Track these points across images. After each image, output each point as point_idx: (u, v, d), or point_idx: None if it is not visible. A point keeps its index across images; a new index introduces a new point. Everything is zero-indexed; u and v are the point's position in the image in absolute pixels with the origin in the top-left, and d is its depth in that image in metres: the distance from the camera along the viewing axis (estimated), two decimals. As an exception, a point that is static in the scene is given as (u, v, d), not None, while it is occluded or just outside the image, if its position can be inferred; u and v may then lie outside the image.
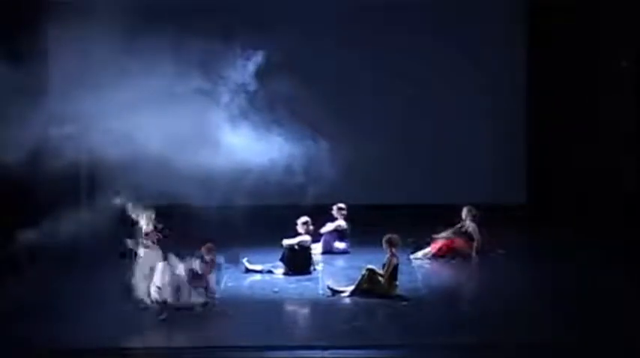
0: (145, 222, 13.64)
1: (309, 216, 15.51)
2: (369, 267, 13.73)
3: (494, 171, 19.47)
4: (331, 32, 19.06)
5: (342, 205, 16.50)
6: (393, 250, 13.76)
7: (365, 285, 13.62)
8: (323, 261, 15.76)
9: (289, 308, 13.49)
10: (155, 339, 12.04)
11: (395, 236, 13.87)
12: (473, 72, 19.38)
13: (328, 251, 16.34)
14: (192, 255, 13.16)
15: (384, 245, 13.82)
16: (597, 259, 15.47)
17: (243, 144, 15.37)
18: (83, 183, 17.92)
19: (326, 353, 11.51)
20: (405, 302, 13.35)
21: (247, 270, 15.07)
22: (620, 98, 17.68)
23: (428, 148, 19.48)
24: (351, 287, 13.69)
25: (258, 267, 15.13)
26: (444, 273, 15.32)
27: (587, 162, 18.10)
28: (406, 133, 19.39)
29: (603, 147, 17.86)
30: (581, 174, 18.20)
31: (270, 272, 15.03)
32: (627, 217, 17.05)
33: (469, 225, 16.05)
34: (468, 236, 16.07)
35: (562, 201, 18.48)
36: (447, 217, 16.66)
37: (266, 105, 16.03)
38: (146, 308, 12.79)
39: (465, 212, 16.16)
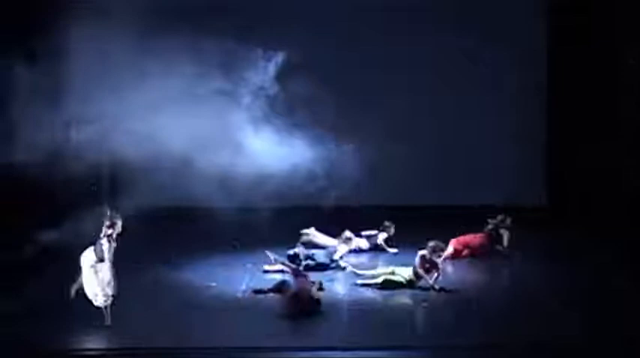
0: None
1: (330, 217, 15.88)
2: (386, 277, 14.10)
3: (513, 172, 19.41)
4: (351, 33, 19.05)
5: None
6: (437, 256, 14.17)
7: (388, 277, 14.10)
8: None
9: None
10: (172, 339, 11.99)
11: (440, 243, 14.30)
12: (491, 72, 19.34)
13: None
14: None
15: (429, 252, 14.12)
16: (617, 261, 15.42)
17: (264, 146, 15.42)
18: (104, 184, 17.98)
19: (345, 354, 11.51)
20: (425, 303, 13.39)
21: (265, 271, 15.10)
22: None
23: (446, 150, 19.44)
24: (367, 280, 14.21)
25: (277, 267, 15.15)
26: (461, 274, 15.28)
27: (608, 164, 18.02)
28: (424, 135, 19.36)
29: (624, 148, 17.76)
30: (601, 176, 18.12)
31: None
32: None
33: (502, 232, 16.29)
34: (491, 238, 16.25)
35: (582, 202, 18.40)
36: (465, 218, 16.71)
37: (286, 107, 16.04)
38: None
39: (499, 219, 16.33)
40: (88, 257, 12.45)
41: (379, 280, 14.12)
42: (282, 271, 14.88)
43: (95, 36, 15.25)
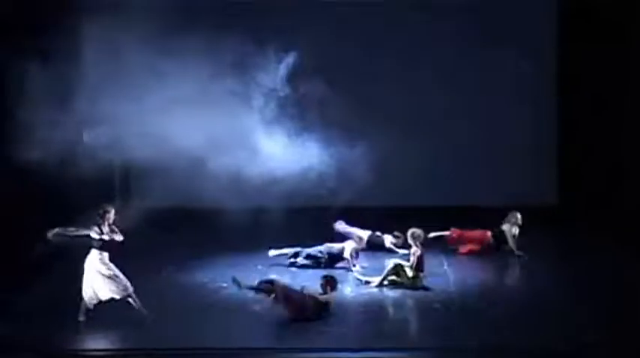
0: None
1: (340, 217, 16.04)
2: (396, 261, 14.35)
3: (524, 172, 19.40)
4: (363, 34, 19.07)
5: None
6: (417, 243, 14.35)
7: (391, 277, 14.21)
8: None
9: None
10: (183, 340, 12.04)
11: (418, 230, 14.48)
12: (502, 71, 19.34)
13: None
14: None
15: (409, 238, 14.45)
16: (629, 261, 15.40)
17: (274, 147, 15.45)
18: (116, 184, 18.02)
19: (357, 354, 11.53)
20: (437, 304, 13.43)
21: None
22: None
23: (456, 150, 19.44)
24: (379, 278, 14.27)
25: (284, 251, 15.50)
26: (473, 274, 15.27)
27: (618, 162, 18.01)
28: (434, 135, 19.37)
29: (635, 147, 17.73)
30: (612, 174, 18.11)
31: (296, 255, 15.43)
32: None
33: (505, 228, 16.38)
34: (493, 234, 16.43)
35: (593, 202, 18.37)
36: (477, 219, 16.74)
37: (298, 108, 16.07)
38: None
39: (509, 216, 16.46)
40: (91, 259, 12.61)
41: (390, 266, 14.23)
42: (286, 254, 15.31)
43: (107, 36, 15.25)
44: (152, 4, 15.79)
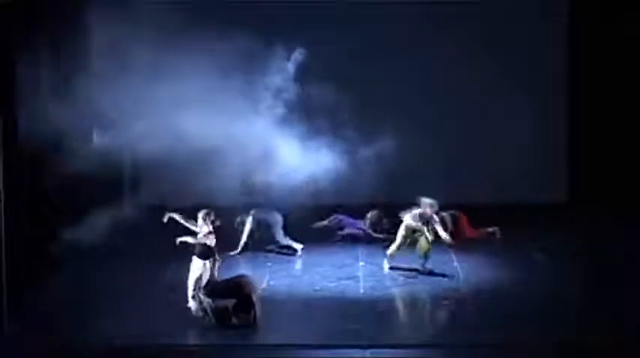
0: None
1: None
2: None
3: (533, 170, 19.38)
4: (374, 37, 19.07)
5: None
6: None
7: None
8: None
9: (330, 307, 13.40)
10: (193, 337, 12.12)
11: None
12: (511, 70, 19.32)
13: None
14: None
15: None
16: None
17: (284, 147, 15.47)
18: (125, 181, 18.03)
19: (367, 352, 11.53)
20: (446, 301, 13.39)
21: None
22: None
23: (467, 148, 19.42)
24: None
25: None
26: (483, 270, 15.26)
27: (629, 160, 17.99)
28: (446, 135, 19.35)
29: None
30: (623, 172, 18.08)
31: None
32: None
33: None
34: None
35: (603, 199, 18.35)
36: (487, 217, 16.72)
37: (307, 108, 16.04)
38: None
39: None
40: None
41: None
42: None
43: (115, 34, 15.24)
44: (160, 1, 15.77)
